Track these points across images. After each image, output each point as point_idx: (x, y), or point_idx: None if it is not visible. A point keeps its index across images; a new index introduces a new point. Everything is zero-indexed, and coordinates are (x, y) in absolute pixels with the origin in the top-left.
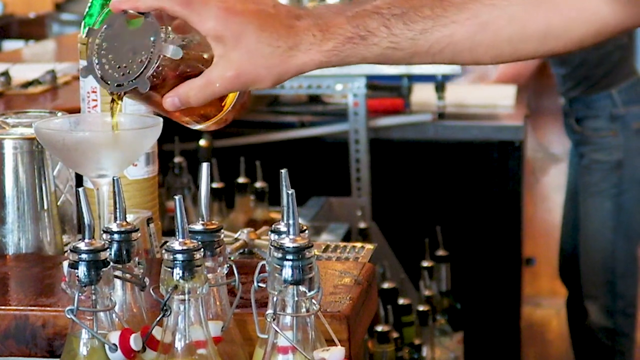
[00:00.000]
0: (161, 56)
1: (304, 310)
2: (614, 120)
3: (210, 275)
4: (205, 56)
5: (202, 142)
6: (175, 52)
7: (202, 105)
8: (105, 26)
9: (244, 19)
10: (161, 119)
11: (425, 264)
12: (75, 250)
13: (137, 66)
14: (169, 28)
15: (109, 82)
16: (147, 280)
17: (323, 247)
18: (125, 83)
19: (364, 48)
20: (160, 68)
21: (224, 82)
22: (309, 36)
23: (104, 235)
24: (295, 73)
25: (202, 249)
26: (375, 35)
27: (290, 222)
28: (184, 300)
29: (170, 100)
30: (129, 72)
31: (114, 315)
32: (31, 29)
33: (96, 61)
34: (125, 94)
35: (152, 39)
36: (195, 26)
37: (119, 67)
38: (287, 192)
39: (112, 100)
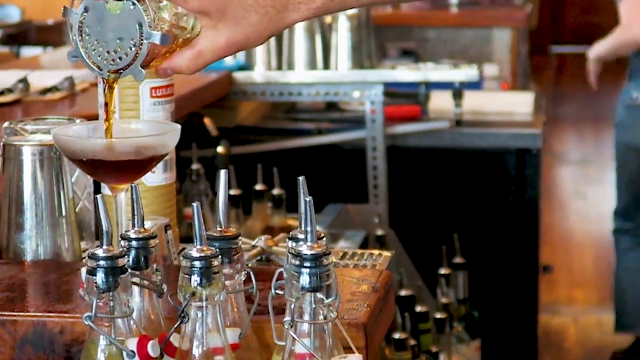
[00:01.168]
0: (151, 44)
1: (321, 317)
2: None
3: (227, 282)
4: (192, 26)
5: (220, 149)
6: (164, 39)
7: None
8: (84, 7)
9: None
10: (179, 126)
11: (442, 271)
12: (93, 256)
13: (127, 53)
14: (152, 8)
15: (100, 68)
16: (164, 287)
17: (340, 254)
18: (119, 70)
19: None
20: (150, 53)
21: (215, 51)
22: None
23: (122, 242)
24: (284, 29)
25: (219, 256)
26: None
27: (308, 229)
28: (202, 307)
29: (164, 72)
30: (119, 59)
31: (131, 321)
32: (49, 36)
33: (81, 45)
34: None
35: (138, 25)
36: (180, 6)
37: (107, 52)
38: (304, 199)
39: (106, 85)
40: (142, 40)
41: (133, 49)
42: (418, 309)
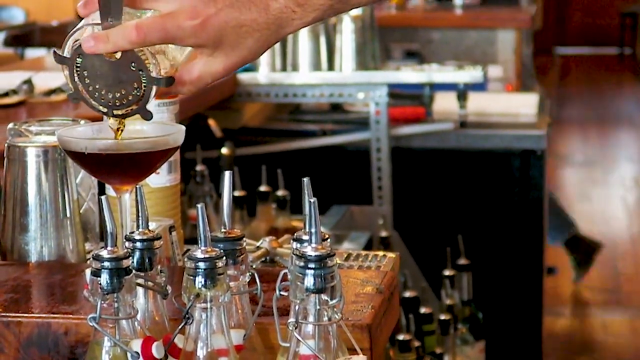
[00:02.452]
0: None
1: (325, 318)
2: None
3: (232, 284)
4: (186, 52)
5: (224, 151)
6: (168, 82)
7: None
8: (77, 54)
9: (220, 23)
10: (183, 127)
11: (446, 272)
12: (97, 258)
13: (132, 96)
14: (149, 52)
15: (105, 109)
16: (169, 288)
17: (345, 256)
18: (126, 110)
19: (343, 7)
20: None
21: (214, 75)
22: (289, 12)
23: (127, 243)
24: (279, 41)
25: (224, 257)
26: None
27: (312, 230)
28: (206, 308)
29: (164, 93)
30: (124, 102)
31: (136, 323)
32: (53, 37)
33: (81, 87)
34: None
35: (140, 72)
36: (177, 45)
37: (111, 95)
38: (309, 201)
39: (113, 130)
40: (145, 85)
41: (137, 92)
42: (422, 310)
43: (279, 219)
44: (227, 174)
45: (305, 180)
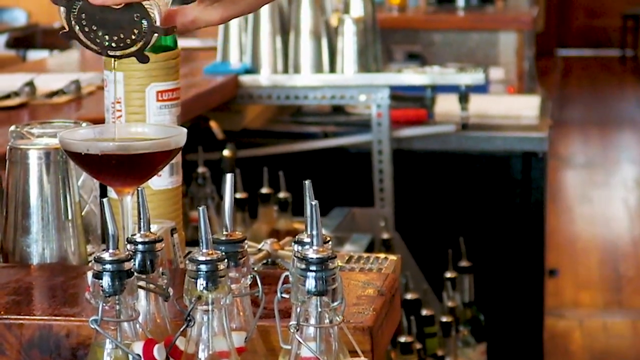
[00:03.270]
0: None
1: (327, 321)
2: None
3: (233, 286)
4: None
5: (226, 153)
6: (168, 31)
7: None
8: None
9: None
10: (185, 129)
11: (448, 274)
12: (99, 260)
13: (130, 41)
14: (155, 4)
15: (100, 49)
16: (170, 290)
17: (346, 258)
18: (121, 52)
19: None
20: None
21: (208, 22)
22: None
23: (128, 246)
24: None
25: (225, 260)
26: None
27: (314, 232)
28: (208, 310)
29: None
30: (121, 45)
31: (137, 325)
32: (55, 39)
33: (79, 29)
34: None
35: (143, 22)
36: None
37: (108, 38)
38: (310, 203)
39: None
40: (145, 32)
41: (137, 38)
42: (424, 312)
43: (281, 221)
44: (229, 176)
45: (307, 183)
